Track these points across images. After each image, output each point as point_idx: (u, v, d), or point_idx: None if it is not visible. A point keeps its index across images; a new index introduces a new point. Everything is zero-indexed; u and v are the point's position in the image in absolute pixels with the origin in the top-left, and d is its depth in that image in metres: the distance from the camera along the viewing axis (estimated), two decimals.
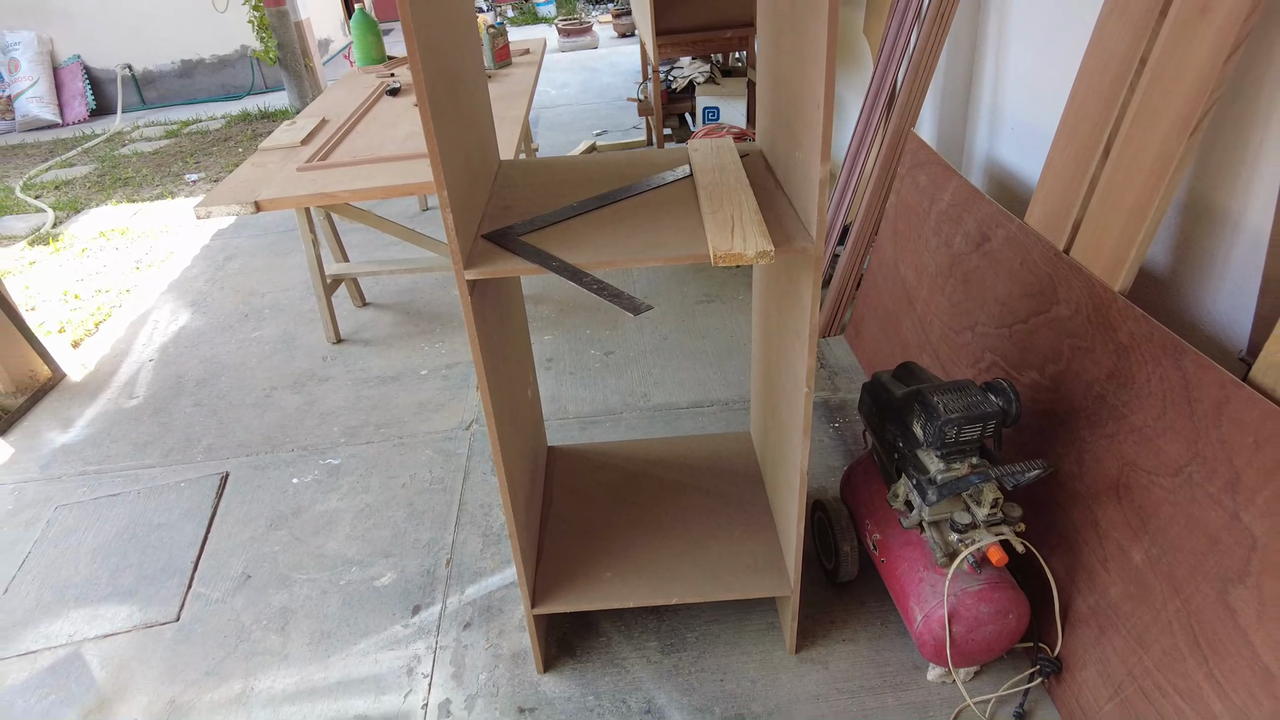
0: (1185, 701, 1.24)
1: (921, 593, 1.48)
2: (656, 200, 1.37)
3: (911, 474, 1.47)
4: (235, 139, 5.95)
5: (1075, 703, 1.48)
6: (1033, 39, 2.10)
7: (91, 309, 3.48)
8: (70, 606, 1.97)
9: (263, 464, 2.40)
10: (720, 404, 2.48)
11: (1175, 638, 1.28)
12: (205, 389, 2.79)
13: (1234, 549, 1.19)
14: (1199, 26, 1.30)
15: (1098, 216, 1.54)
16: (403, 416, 2.54)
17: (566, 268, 1.15)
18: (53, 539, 2.20)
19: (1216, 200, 1.52)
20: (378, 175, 2.34)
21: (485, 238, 1.26)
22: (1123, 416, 1.43)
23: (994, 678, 1.59)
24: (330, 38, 8.46)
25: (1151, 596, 1.33)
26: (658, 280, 3.22)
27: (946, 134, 2.58)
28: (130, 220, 4.49)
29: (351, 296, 3.22)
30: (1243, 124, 1.43)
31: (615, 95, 6.21)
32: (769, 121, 1.48)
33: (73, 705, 1.73)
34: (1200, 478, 1.26)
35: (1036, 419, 1.65)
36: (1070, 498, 1.53)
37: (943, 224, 2.10)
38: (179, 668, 1.79)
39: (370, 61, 3.66)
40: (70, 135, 6.60)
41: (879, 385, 1.59)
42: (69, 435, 2.63)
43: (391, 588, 1.92)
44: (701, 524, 1.74)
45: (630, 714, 1.58)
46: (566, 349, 2.83)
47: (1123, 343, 1.44)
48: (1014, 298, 1.76)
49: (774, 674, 1.63)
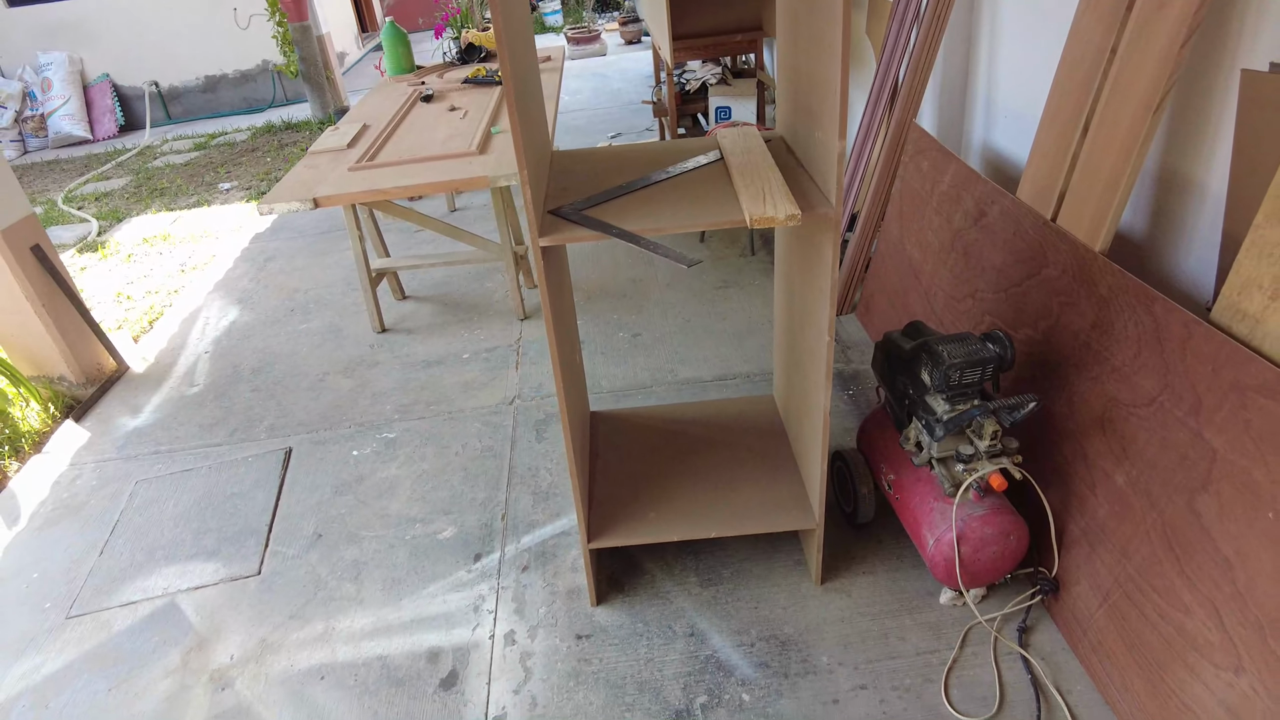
0: (1161, 598, 1.44)
1: (932, 520, 1.68)
2: (693, 180, 1.58)
3: (921, 416, 1.68)
4: (262, 149, 6.20)
5: (1071, 615, 1.67)
6: (1020, 36, 2.31)
7: (144, 308, 3.70)
8: (161, 564, 2.19)
9: (323, 439, 2.61)
10: (742, 376, 2.68)
11: (1153, 545, 1.48)
12: (261, 376, 3.01)
13: (1198, 462, 1.39)
14: (1158, 18, 1.51)
15: (1079, 187, 1.75)
16: (450, 395, 2.76)
17: (624, 233, 1.37)
18: (137, 508, 2.42)
19: (1185, 171, 1.72)
20: (423, 173, 2.56)
21: (551, 213, 1.47)
22: (1105, 359, 1.63)
23: (999, 600, 1.79)
24: (346, 51, 8.72)
25: (1133, 513, 1.53)
26: (679, 269, 3.43)
27: (946, 124, 2.79)
28: (170, 227, 4.73)
29: (392, 290, 3.44)
30: (1205, 102, 1.64)
31: (626, 100, 6.44)
32: (789, 108, 1.69)
33: (175, 645, 1.94)
34: (1170, 404, 1.46)
35: (1031, 370, 1.85)
36: (1062, 435, 1.73)
37: (944, 204, 2.30)
38: (265, 613, 2.00)
39: (401, 71, 3.89)
40: (102, 150, 6.86)
41: (890, 342, 1.80)
42: (139, 420, 2.85)
43: (453, 540, 2.13)
44: (732, 472, 1.94)
45: (675, 637, 1.79)
46: (596, 332, 3.04)
47: (1103, 295, 1.64)
48: (1008, 264, 1.96)
49: (802, 601, 1.84)
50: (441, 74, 3.91)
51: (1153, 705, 1.43)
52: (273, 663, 1.85)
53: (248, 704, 1.76)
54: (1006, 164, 2.44)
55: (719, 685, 1.67)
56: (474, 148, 2.70)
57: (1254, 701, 1.24)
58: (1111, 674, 1.54)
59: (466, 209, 4.36)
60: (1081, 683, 1.60)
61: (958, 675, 1.65)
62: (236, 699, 1.78)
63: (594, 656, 1.76)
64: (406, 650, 1.84)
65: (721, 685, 1.67)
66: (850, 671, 1.67)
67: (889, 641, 1.72)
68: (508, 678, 1.74)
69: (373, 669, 1.81)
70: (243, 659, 1.87)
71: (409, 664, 1.81)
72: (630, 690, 1.68)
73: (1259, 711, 1.23)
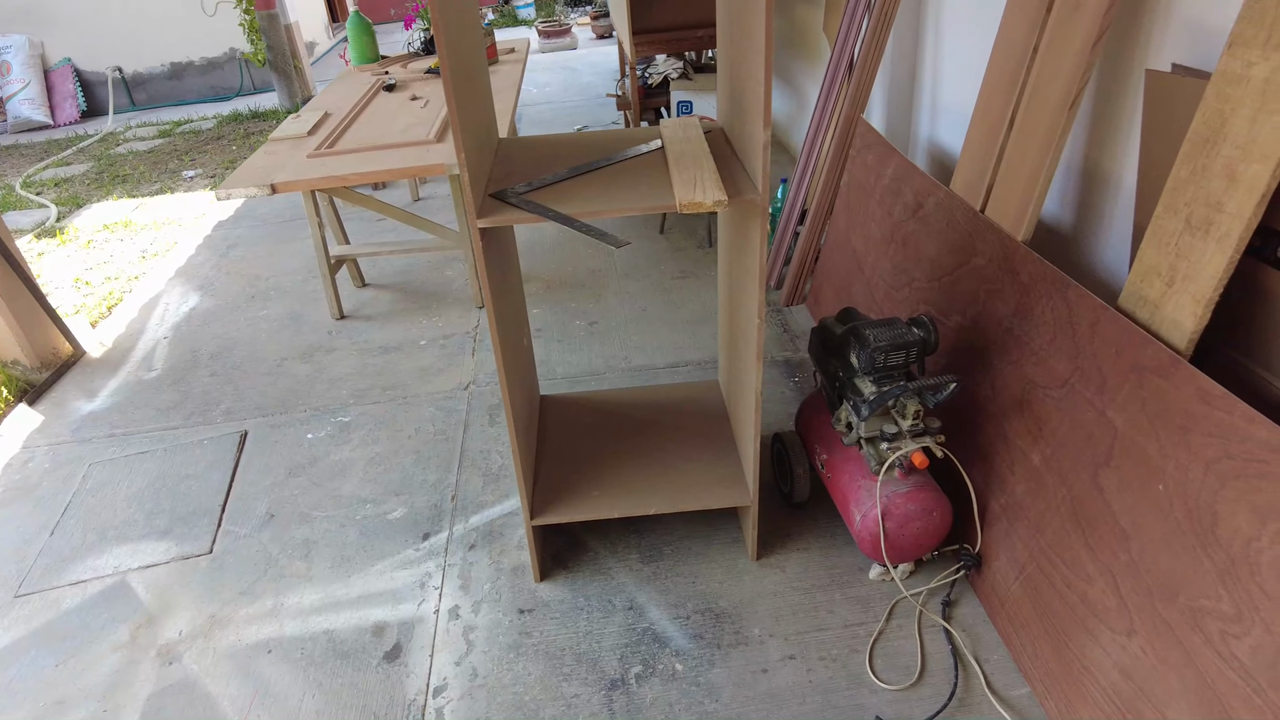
0: (1069, 568, 1.52)
1: (860, 497, 1.75)
2: (633, 166, 1.64)
3: (850, 397, 1.75)
4: (228, 138, 6.16)
5: (990, 588, 1.76)
6: (962, 35, 2.40)
7: (103, 294, 3.69)
8: (112, 544, 2.20)
9: (278, 423, 2.63)
10: (694, 364, 2.75)
11: (1063, 519, 1.56)
12: (219, 361, 3.03)
13: (1102, 439, 1.47)
14: (1073, 20, 1.59)
15: (1005, 180, 1.83)
16: (405, 380, 2.79)
17: (559, 215, 1.42)
18: (90, 490, 2.43)
19: (1103, 165, 1.81)
20: (382, 160, 2.59)
21: (491, 195, 1.52)
22: (1024, 344, 1.71)
23: (926, 575, 1.87)
24: (316, 40, 8.67)
25: (1046, 489, 1.61)
26: (638, 259, 3.48)
27: (895, 120, 2.87)
28: (132, 214, 4.70)
29: (352, 277, 3.46)
30: (1119, 101, 1.72)
31: (595, 93, 6.48)
32: (726, 103, 1.75)
33: (124, 621, 1.96)
34: (1079, 385, 1.54)
35: (959, 356, 1.93)
36: (985, 417, 1.81)
37: (886, 197, 2.38)
38: (215, 590, 2.03)
39: (365, 60, 3.90)
40: (63, 136, 6.77)
41: (824, 327, 1.86)
42: (95, 404, 2.85)
43: (403, 520, 2.17)
44: (675, 453, 2.00)
45: (615, 611, 1.84)
46: (554, 320, 3.09)
47: (1024, 282, 1.72)
48: (942, 254, 2.04)
49: (738, 577, 1.90)
50: (405, 64, 3.93)
51: (1058, 668, 1.51)
52: (221, 637, 1.89)
53: (195, 677, 1.80)
54: (948, 158, 2.53)
55: (654, 656, 1.73)
56: (432, 136, 2.73)
57: (1142, 660, 1.33)
58: (1024, 642, 1.63)
59: (430, 199, 4.39)
60: (998, 652, 1.68)
61: (883, 646, 1.72)
62: (184, 672, 1.81)
63: (535, 630, 1.81)
64: (353, 625, 1.88)
65: (656, 656, 1.73)
66: (780, 642, 1.74)
67: (819, 614, 1.80)
68: (450, 650, 1.79)
69: (319, 643, 1.84)
70: (191, 634, 1.90)
71: (355, 638, 1.85)
72: (568, 661, 1.73)
73: (1146, 669, 1.32)
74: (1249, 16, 1.26)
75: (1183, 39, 1.53)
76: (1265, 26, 1.24)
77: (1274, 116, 1.22)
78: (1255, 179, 1.25)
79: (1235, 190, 1.29)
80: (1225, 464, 1.23)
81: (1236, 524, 1.19)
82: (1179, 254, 1.39)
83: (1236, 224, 1.29)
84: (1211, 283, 1.33)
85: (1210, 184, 1.33)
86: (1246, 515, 1.18)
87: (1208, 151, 1.34)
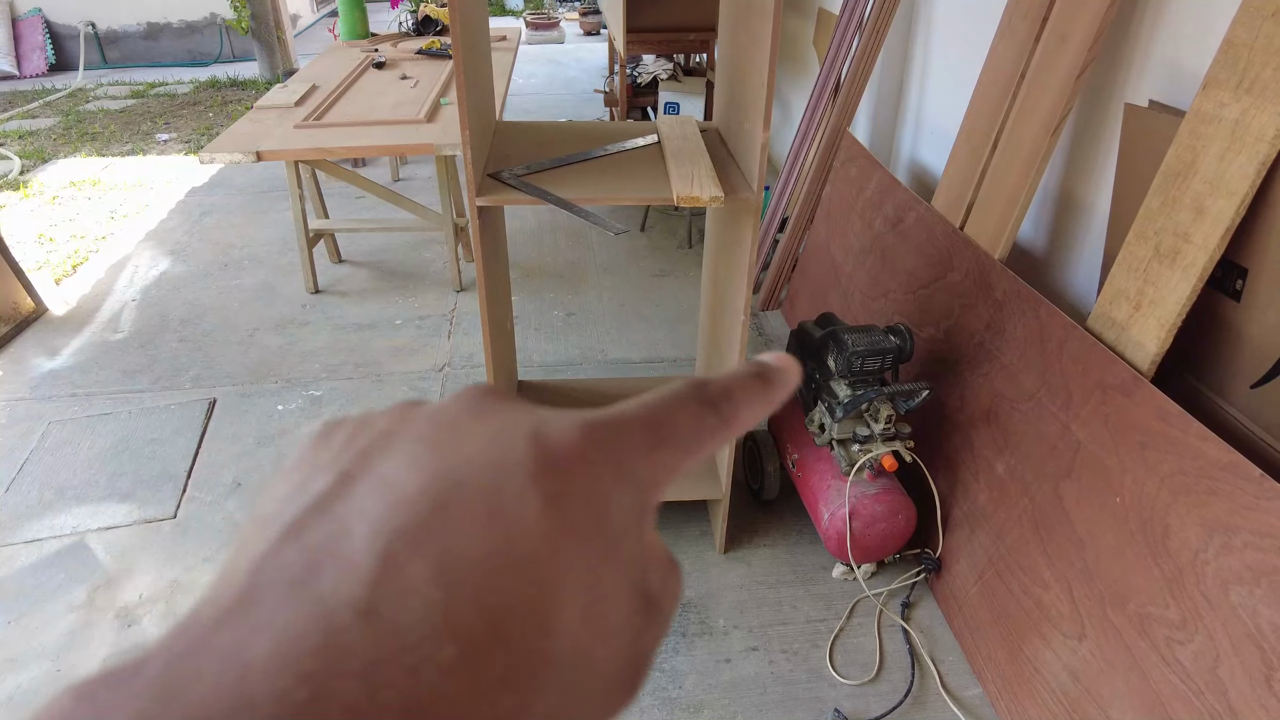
0: (1026, 575, 1.59)
1: (829, 497, 1.81)
2: (629, 158, 1.67)
3: (825, 399, 1.80)
4: (204, 104, 6.04)
5: (949, 592, 1.82)
6: (949, 59, 2.47)
7: (68, 252, 3.60)
8: (71, 504, 2.16)
9: (248, 393, 2.61)
10: (669, 360, 2.78)
11: (1023, 528, 1.62)
12: (189, 327, 2.98)
13: (1065, 452, 1.54)
14: (1060, 51, 1.66)
15: (985, 199, 1.90)
16: (379, 358, 2.78)
17: (558, 199, 1.44)
18: (49, 448, 2.38)
19: (1079, 193, 1.89)
20: (370, 136, 2.58)
21: (490, 175, 1.54)
22: (995, 358, 1.77)
23: (888, 576, 1.92)
24: (299, 14, 8.54)
25: (1008, 498, 1.68)
26: (618, 254, 3.51)
27: (878, 136, 2.94)
28: (101, 173, 4.59)
29: (329, 252, 3.43)
30: (1098, 132, 1.80)
31: (580, 89, 6.49)
32: (725, 102, 1.79)
33: (82, 583, 1.93)
34: (1046, 400, 1.61)
35: (932, 367, 1.99)
36: (954, 427, 1.87)
37: (867, 209, 2.44)
38: (178, 555, 2.01)
39: (355, 36, 3.88)
40: (29, 88, 6.57)
41: (802, 330, 1.91)
42: (56, 362, 2.79)
43: None
44: None
45: None
46: (532, 309, 3.10)
47: (998, 299, 1.79)
48: (919, 268, 2.10)
49: (705, 568, 1.94)
50: (395, 43, 3.91)
51: (1010, 671, 1.58)
52: (183, 602, 1.87)
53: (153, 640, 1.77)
54: (928, 176, 2.60)
55: None
56: (422, 116, 2.73)
57: (1090, 663, 1.39)
58: (979, 645, 1.69)
59: (411, 179, 4.36)
60: (953, 653, 1.75)
61: (843, 643, 1.77)
62: (143, 635, 1.79)
63: None
64: None
65: None
66: (744, 634, 1.78)
67: (782, 609, 1.84)
68: None
69: None
70: (152, 598, 1.88)
71: None
72: None
73: (1093, 671, 1.38)
74: (1223, 61, 1.34)
75: (1161, 77, 1.61)
76: (1238, 71, 1.31)
77: (1241, 155, 1.30)
78: (1221, 213, 1.33)
79: (1202, 223, 1.36)
80: (1178, 479, 1.30)
81: (1186, 536, 1.26)
82: (1147, 280, 1.46)
83: (1202, 255, 1.36)
84: (1176, 309, 1.40)
85: (1179, 215, 1.41)
86: (1195, 528, 1.25)
87: (1179, 185, 1.41)
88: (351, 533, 0.17)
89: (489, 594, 0.16)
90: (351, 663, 0.15)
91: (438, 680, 0.15)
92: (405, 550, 0.16)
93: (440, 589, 0.16)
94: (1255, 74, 1.27)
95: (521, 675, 0.16)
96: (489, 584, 0.17)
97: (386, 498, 0.18)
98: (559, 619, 0.17)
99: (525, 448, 0.19)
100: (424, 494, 0.18)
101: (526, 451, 0.19)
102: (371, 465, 0.19)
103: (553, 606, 0.17)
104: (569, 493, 0.19)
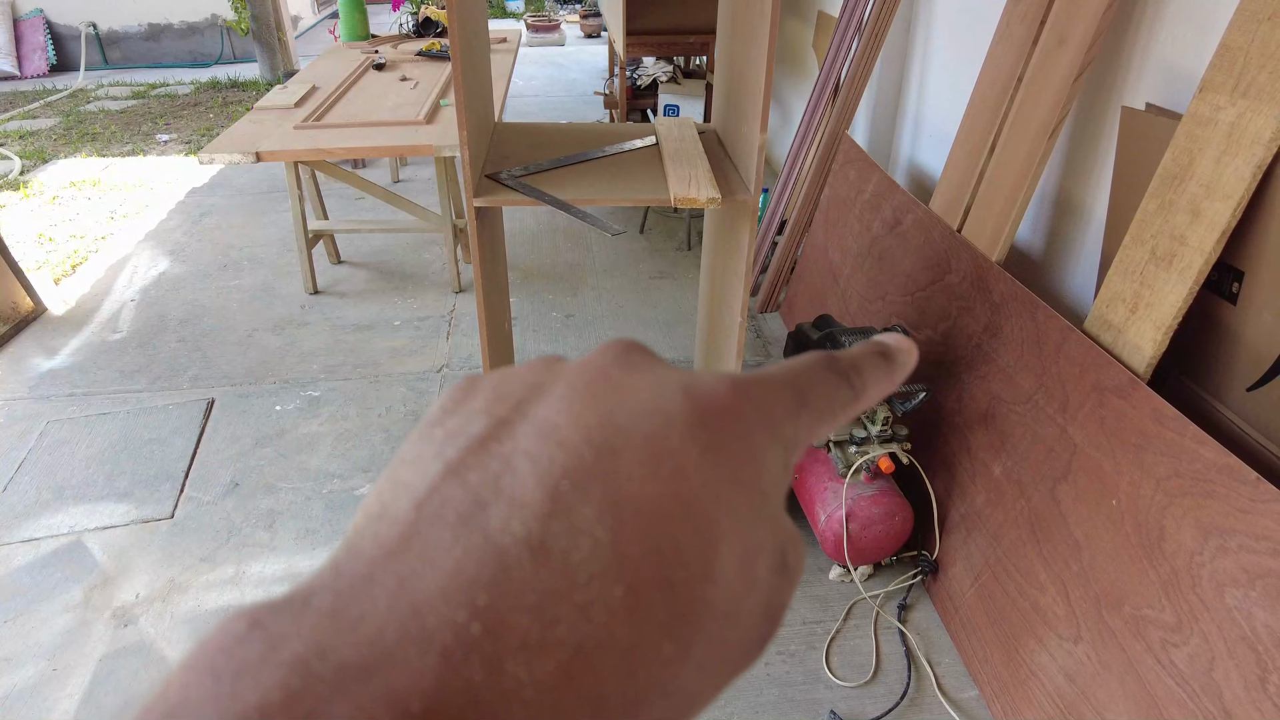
0: (1022, 577, 1.59)
1: (825, 498, 1.81)
2: (628, 159, 1.67)
3: None
4: (205, 104, 6.05)
5: (946, 594, 1.82)
6: (947, 62, 2.48)
7: (67, 252, 3.60)
8: (69, 504, 2.16)
9: (246, 393, 2.61)
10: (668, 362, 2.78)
11: (1020, 530, 1.62)
12: (188, 327, 2.98)
13: (1062, 454, 1.54)
14: (1058, 54, 1.66)
15: (983, 201, 1.90)
16: (378, 359, 2.78)
17: (556, 200, 1.44)
18: (47, 448, 2.38)
19: (1076, 196, 1.89)
20: (370, 137, 2.58)
21: (488, 177, 1.54)
22: (992, 360, 1.78)
23: (884, 579, 1.92)
24: (300, 15, 8.55)
25: (1005, 500, 1.68)
26: (617, 257, 3.51)
27: (877, 139, 2.95)
28: (101, 174, 4.59)
29: (328, 253, 3.43)
30: (1096, 135, 1.80)
31: (580, 91, 6.50)
32: (723, 105, 1.79)
33: (78, 582, 1.93)
34: (1043, 402, 1.61)
35: (930, 369, 2.00)
36: (951, 429, 1.87)
37: (865, 212, 2.44)
38: (175, 555, 2.00)
39: (355, 37, 3.88)
40: (30, 88, 6.58)
41: (800, 332, 1.92)
42: (55, 361, 2.79)
43: None
44: None
45: None
46: (530, 311, 3.10)
47: (995, 301, 1.79)
48: (917, 270, 2.11)
49: None
50: (396, 45, 3.92)
51: (1006, 673, 1.58)
52: (179, 602, 1.87)
53: (150, 640, 1.78)
54: (926, 179, 2.60)
55: None
56: (422, 117, 2.73)
57: (1086, 666, 1.39)
58: (976, 647, 1.69)
59: (411, 181, 4.37)
60: (950, 655, 1.74)
61: (839, 645, 1.77)
62: (139, 635, 1.79)
63: None
64: None
65: None
66: None
67: None
68: None
69: None
70: (148, 597, 1.88)
71: None
72: None
73: (1089, 674, 1.38)
74: (1219, 65, 1.34)
75: (1158, 81, 1.61)
76: (1234, 75, 1.31)
77: (1238, 158, 1.30)
78: (1217, 216, 1.33)
79: (1198, 226, 1.36)
80: (1174, 482, 1.30)
81: (1182, 539, 1.26)
82: (1143, 283, 1.46)
83: (1198, 257, 1.36)
84: (1172, 311, 1.40)
85: (1176, 218, 1.41)
86: (1191, 531, 1.25)
87: (1175, 188, 1.42)
88: (517, 471, 0.17)
89: (655, 538, 0.16)
90: (525, 597, 0.15)
91: (607, 620, 0.15)
92: (573, 489, 0.16)
93: (608, 530, 0.16)
94: (1251, 77, 1.28)
95: (684, 621, 0.16)
96: (655, 528, 0.17)
97: (550, 440, 0.18)
98: (719, 566, 0.17)
99: (681, 399, 0.19)
100: (587, 438, 0.17)
101: (684, 403, 0.19)
102: (527, 411, 0.19)
103: (713, 553, 0.17)
104: (725, 443, 0.19)
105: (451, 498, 0.17)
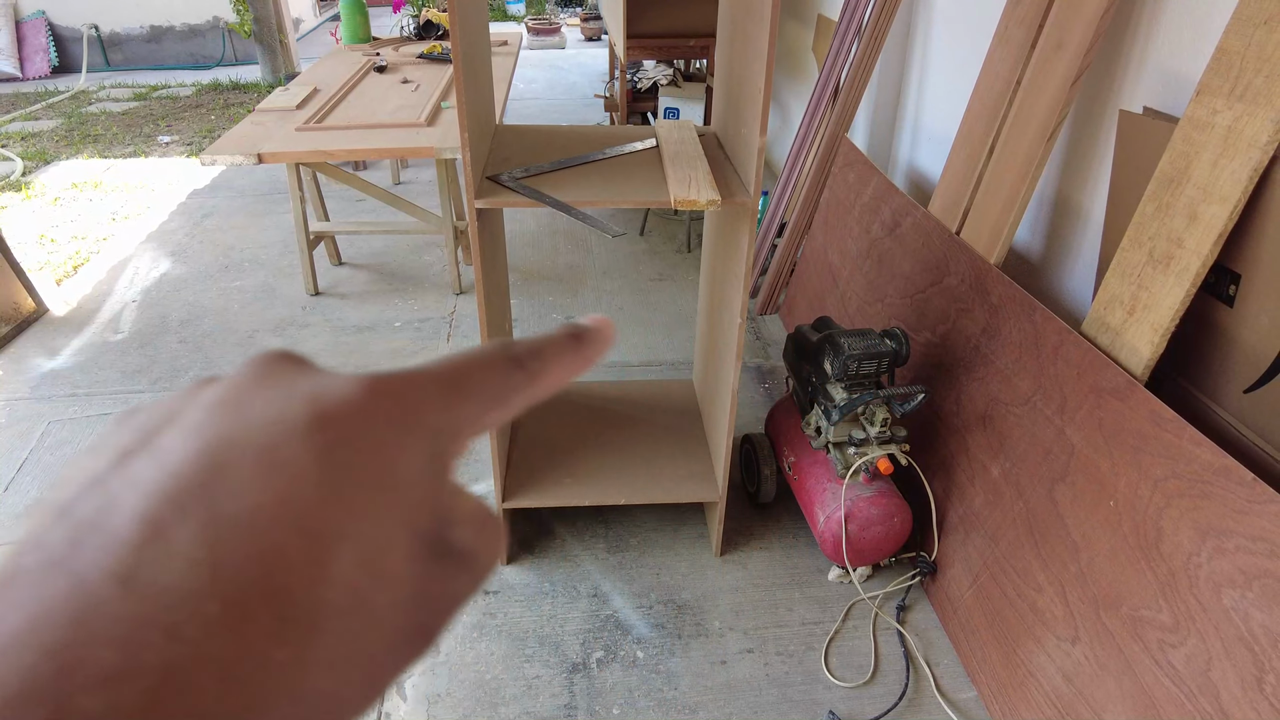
0: (1020, 578, 1.59)
1: (825, 499, 1.81)
2: (628, 162, 1.68)
3: (821, 402, 1.80)
4: (206, 106, 6.06)
5: (945, 595, 1.82)
6: (946, 67, 2.49)
7: (69, 253, 3.61)
8: None
9: None
10: (667, 364, 2.79)
11: (1018, 531, 1.63)
12: (189, 328, 2.99)
13: (1060, 456, 1.55)
14: (1055, 58, 1.67)
15: (982, 204, 1.91)
16: (379, 360, 2.79)
17: (556, 201, 1.45)
18: (49, 448, 2.39)
19: (1074, 198, 1.90)
20: (371, 139, 2.59)
21: (489, 178, 1.55)
22: (991, 362, 1.78)
23: (883, 580, 1.93)
24: (302, 17, 8.57)
25: (1003, 501, 1.68)
26: (617, 259, 3.52)
27: (876, 143, 2.96)
28: (103, 175, 4.60)
29: (329, 254, 3.44)
30: (1093, 138, 1.81)
31: (581, 94, 6.51)
32: (722, 107, 1.80)
33: None
34: (1041, 404, 1.62)
35: (928, 371, 2.00)
36: (949, 431, 1.88)
37: (864, 214, 2.45)
38: None
39: (356, 40, 3.89)
40: (31, 90, 6.60)
41: (799, 333, 1.92)
42: (56, 362, 2.80)
43: None
44: (646, 446, 2.04)
45: (580, 597, 1.87)
46: (531, 312, 3.11)
47: (994, 303, 1.80)
48: (916, 272, 2.11)
49: (701, 570, 1.95)
50: (397, 47, 3.93)
51: (1004, 674, 1.58)
52: None
53: None
54: (925, 182, 2.61)
55: (615, 642, 1.76)
56: (423, 119, 2.74)
57: (1083, 666, 1.40)
58: (974, 648, 1.69)
59: (412, 183, 4.38)
60: (948, 656, 1.75)
61: (838, 645, 1.78)
62: None
63: (499, 611, 1.84)
64: None
65: (618, 642, 1.76)
66: (740, 636, 1.78)
67: (778, 611, 1.85)
68: None
69: None
70: None
71: None
72: (531, 643, 1.76)
73: (1087, 675, 1.39)
74: (1216, 69, 1.35)
75: (1155, 84, 1.62)
76: (1231, 78, 1.32)
77: (1234, 162, 1.31)
78: (1214, 219, 1.34)
79: (1195, 228, 1.37)
80: (1172, 483, 1.30)
81: (1179, 540, 1.27)
82: (1141, 285, 1.47)
83: (1195, 260, 1.37)
84: (1169, 313, 1.41)
85: (1173, 221, 1.42)
86: (1188, 532, 1.26)
87: (1172, 191, 1.42)
88: (119, 504, 0.17)
89: (258, 547, 0.17)
90: (111, 631, 0.15)
91: (200, 638, 0.15)
92: (171, 515, 0.17)
93: (205, 548, 0.16)
94: (1248, 81, 1.29)
95: (296, 626, 0.17)
96: (259, 538, 0.17)
97: (159, 466, 0.18)
98: (333, 567, 0.17)
99: (302, 405, 0.19)
100: (197, 459, 0.18)
101: (304, 408, 0.19)
102: (151, 441, 0.19)
103: (325, 554, 0.17)
104: (345, 443, 0.19)
105: (48, 541, 0.17)
